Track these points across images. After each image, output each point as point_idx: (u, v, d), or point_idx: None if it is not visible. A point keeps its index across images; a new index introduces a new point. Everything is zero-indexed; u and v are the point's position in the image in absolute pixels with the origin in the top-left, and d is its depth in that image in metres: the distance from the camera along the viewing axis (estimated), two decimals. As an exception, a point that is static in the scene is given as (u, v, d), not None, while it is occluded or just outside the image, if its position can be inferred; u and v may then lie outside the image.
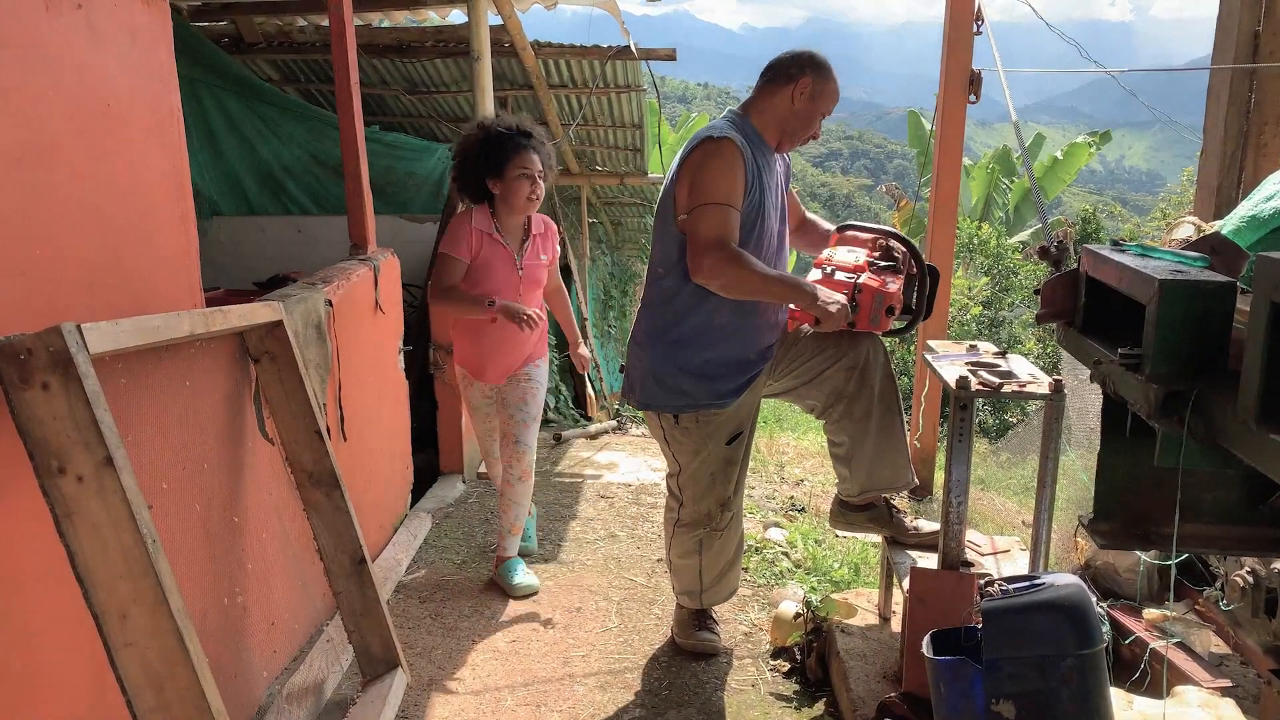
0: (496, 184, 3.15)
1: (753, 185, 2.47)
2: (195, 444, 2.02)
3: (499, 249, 3.24)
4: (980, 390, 2.23)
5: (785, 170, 2.71)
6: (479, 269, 3.21)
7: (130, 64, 1.89)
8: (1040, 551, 2.30)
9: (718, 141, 2.44)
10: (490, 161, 3.13)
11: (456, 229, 3.20)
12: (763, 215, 2.51)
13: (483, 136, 3.15)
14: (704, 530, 2.75)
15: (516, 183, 3.14)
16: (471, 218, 3.20)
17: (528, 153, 3.14)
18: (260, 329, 2.38)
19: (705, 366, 2.60)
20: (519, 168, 3.13)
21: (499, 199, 3.19)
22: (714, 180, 2.43)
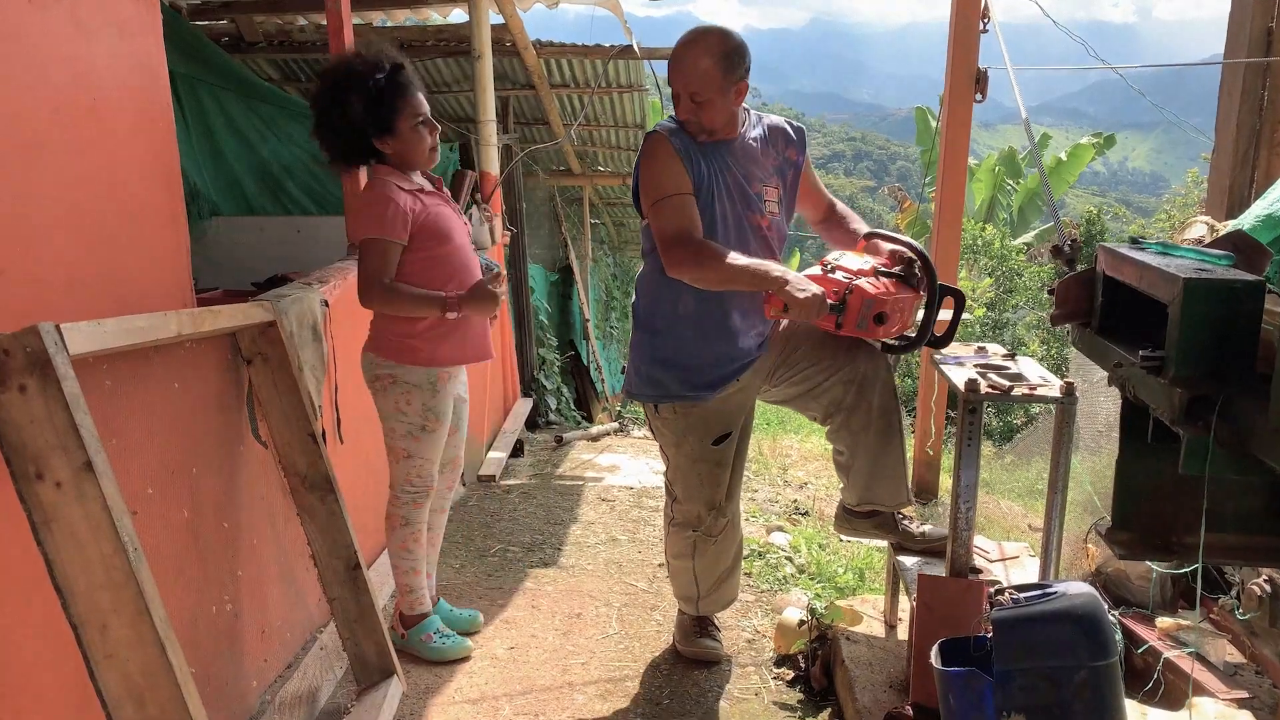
0: (388, 142, 2.54)
1: (696, 168, 2.43)
2: (184, 447, 1.97)
3: (441, 203, 2.66)
4: (990, 393, 2.17)
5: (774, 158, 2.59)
6: (434, 236, 2.57)
7: (117, 58, 1.84)
8: (1050, 558, 2.25)
9: (649, 138, 2.47)
10: (376, 115, 2.49)
11: (381, 202, 2.48)
12: (712, 200, 2.45)
13: (356, 83, 2.47)
14: (696, 533, 2.69)
15: (415, 134, 2.55)
16: (388, 179, 2.54)
17: (415, 93, 2.55)
18: (253, 330, 2.33)
19: (676, 356, 2.56)
20: (413, 114, 2.54)
21: (392, 160, 2.57)
22: (654, 175, 2.44)
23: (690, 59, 2.38)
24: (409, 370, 2.64)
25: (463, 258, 2.68)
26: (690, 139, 2.45)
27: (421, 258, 2.57)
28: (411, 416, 2.66)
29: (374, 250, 2.52)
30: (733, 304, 2.50)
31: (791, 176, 2.62)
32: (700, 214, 2.43)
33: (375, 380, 2.68)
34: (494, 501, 4.53)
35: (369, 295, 2.54)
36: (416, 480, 2.74)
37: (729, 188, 2.48)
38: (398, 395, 2.65)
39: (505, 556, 3.73)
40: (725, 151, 2.50)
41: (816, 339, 2.60)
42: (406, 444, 2.69)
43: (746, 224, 2.51)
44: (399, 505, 2.75)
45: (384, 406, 2.69)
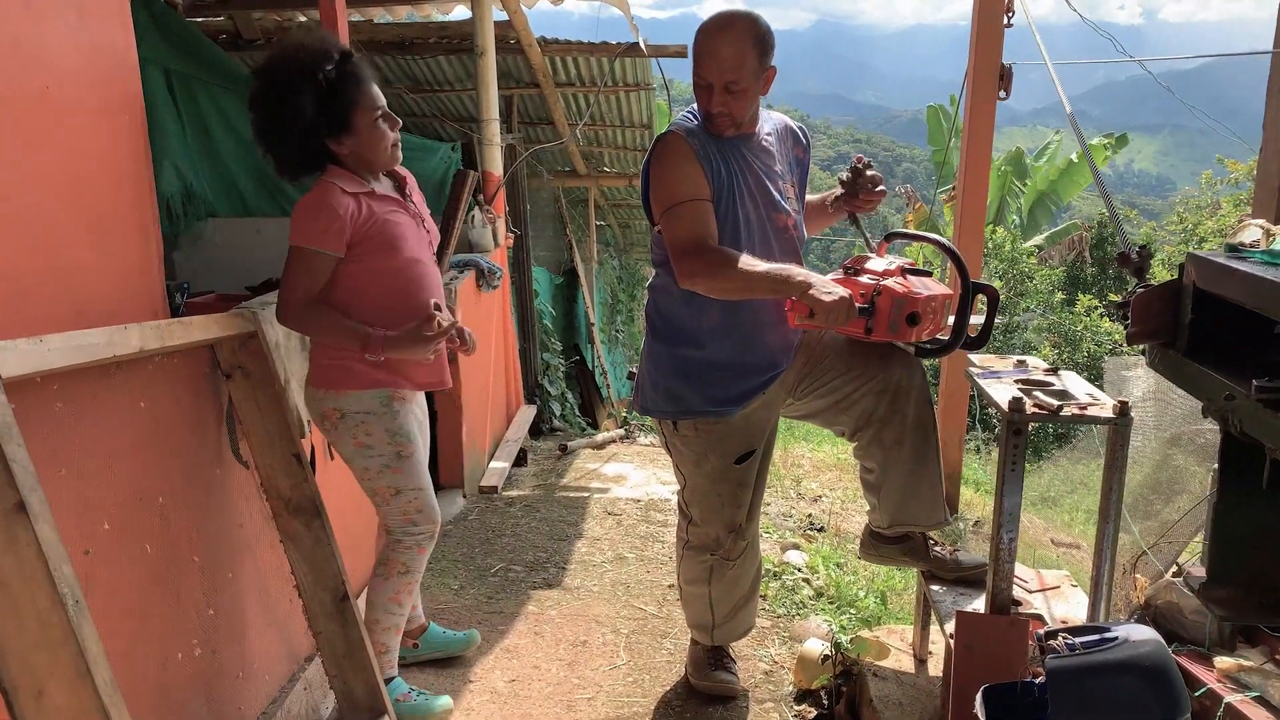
0: (345, 141, 2.19)
1: (714, 169, 2.25)
2: (149, 474, 1.78)
3: (393, 206, 2.31)
4: (1037, 414, 1.98)
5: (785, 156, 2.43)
6: (379, 246, 2.23)
7: (76, 43, 1.66)
8: (1102, 594, 2.06)
9: (662, 139, 2.28)
10: (330, 111, 2.14)
11: (315, 208, 2.14)
12: (734, 201, 2.27)
13: (304, 77, 2.11)
14: (713, 557, 2.51)
15: (374, 130, 2.21)
16: (332, 181, 2.19)
17: (371, 83, 2.23)
18: (232, 341, 2.15)
19: (697, 369, 2.37)
20: (370, 107, 2.20)
21: (351, 158, 2.23)
22: (668, 179, 2.26)
23: (726, 45, 2.18)
24: (355, 398, 2.28)
25: (414, 273, 2.31)
26: (708, 138, 2.27)
27: (363, 269, 2.22)
28: (378, 448, 2.32)
29: (298, 262, 2.17)
30: (760, 312, 2.32)
31: (801, 175, 2.47)
32: (722, 219, 2.25)
33: (323, 419, 2.33)
34: (496, 515, 4.34)
35: (283, 312, 2.19)
36: (418, 517, 2.40)
37: (752, 188, 2.29)
38: (353, 429, 2.30)
39: (507, 577, 3.54)
40: (745, 148, 2.32)
41: (844, 347, 2.42)
42: (388, 480, 2.35)
43: (771, 226, 2.32)
44: (401, 551, 2.41)
45: (342, 448, 2.34)
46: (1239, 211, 14.59)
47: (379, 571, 2.44)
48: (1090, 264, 19.15)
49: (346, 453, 2.36)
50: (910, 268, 2.36)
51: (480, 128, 5.58)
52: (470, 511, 4.39)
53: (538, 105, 7.60)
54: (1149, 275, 1.62)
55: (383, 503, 2.40)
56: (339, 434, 2.33)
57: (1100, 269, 19.45)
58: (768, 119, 2.43)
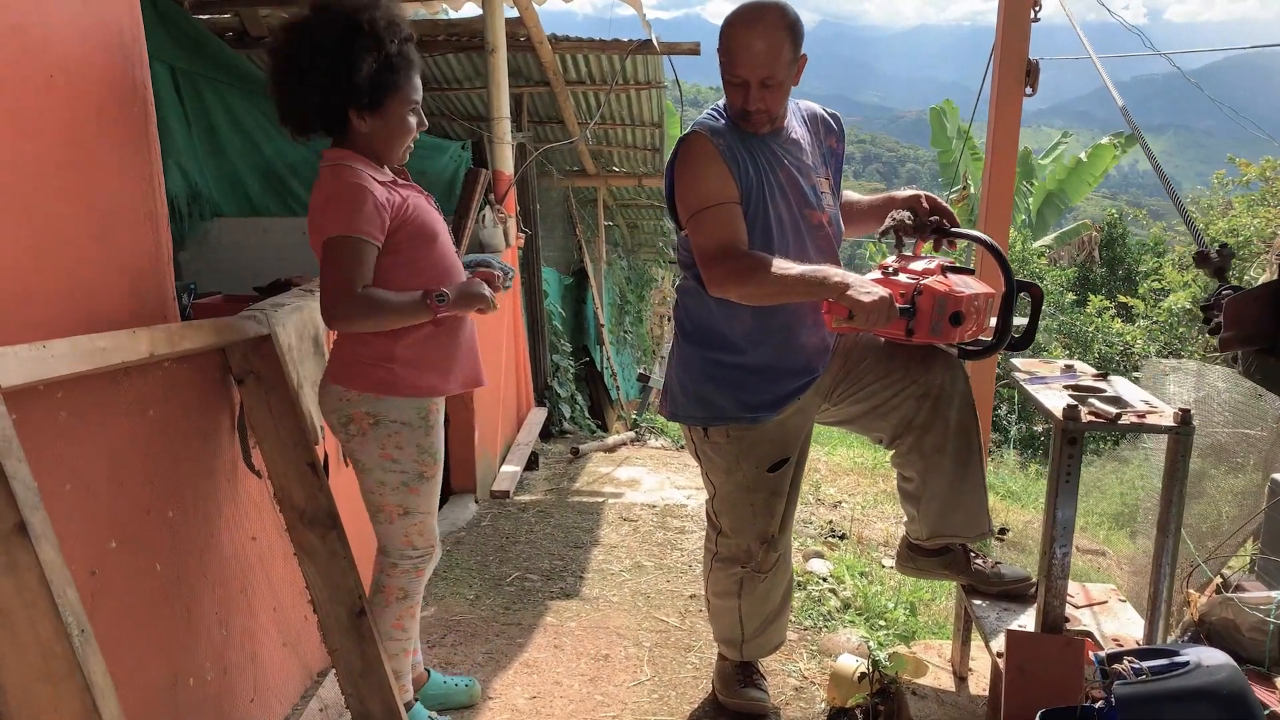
0: (367, 119, 2.02)
1: (743, 168, 2.14)
2: (159, 486, 1.69)
3: (419, 195, 2.18)
4: (1094, 423, 1.88)
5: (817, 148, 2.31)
6: (418, 234, 2.09)
7: (82, 31, 1.57)
8: (1160, 612, 1.95)
9: (686, 139, 2.16)
10: (376, 84, 1.97)
11: (351, 193, 1.95)
12: (764, 201, 2.16)
13: (374, 41, 1.94)
14: (744, 569, 2.41)
15: (402, 122, 2.06)
16: (357, 165, 2.01)
17: (416, 73, 2.07)
18: (244, 345, 2.05)
19: (730, 374, 2.27)
20: (409, 99, 2.06)
21: (364, 141, 2.04)
22: (694, 182, 2.14)
23: (760, 38, 2.07)
24: (393, 404, 2.09)
25: (450, 260, 2.20)
26: (734, 136, 2.16)
27: (402, 262, 2.06)
28: (404, 463, 2.14)
29: (344, 253, 1.94)
30: (796, 315, 2.22)
31: (835, 167, 2.35)
32: (752, 221, 2.15)
33: (349, 422, 2.11)
34: (509, 521, 4.24)
35: (341, 310, 1.94)
36: (419, 541, 2.23)
37: (783, 185, 2.19)
38: (383, 438, 2.11)
39: (523, 586, 3.44)
40: (774, 143, 2.21)
41: (882, 350, 2.31)
42: (400, 499, 2.17)
43: (805, 225, 2.22)
44: (397, 575, 2.24)
45: (365, 456, 2.13)
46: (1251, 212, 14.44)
47: (376, 600, 2.25)
48: (1100, 264, 19.01)
49: (368, 461, 2.15)
50: (951, 266, 2.26)
51: (491, 126, 5.49)
52: (483, 517, 4.29)
53: (547, 104, 7.51)
54: (1229, 275, 1.52)
55: (385, 520, 2.20)
56: (365, 440, 2.12)
57: (1110, 269, 19.31)
58: (796, 109, 2.32)
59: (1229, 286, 1.39)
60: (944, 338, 2.14)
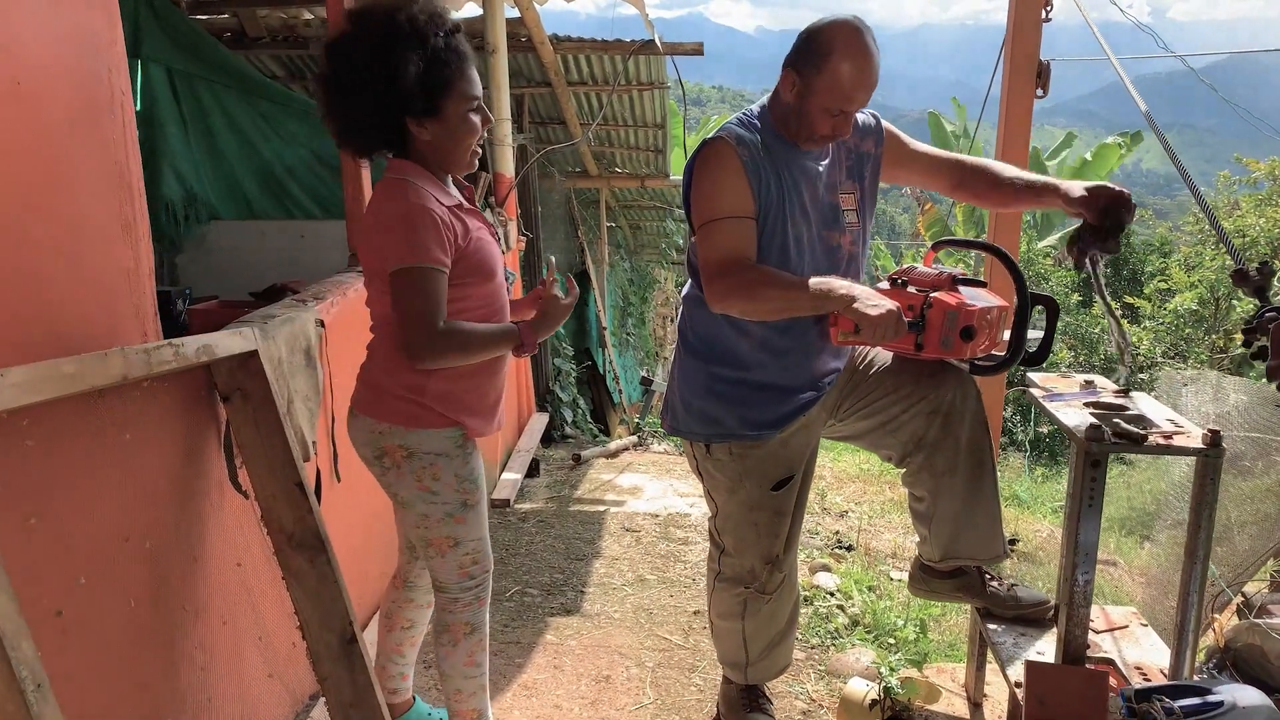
0: (427, 126, 1.86)
1: (765, 184, 2.02)
2: (135, 514, 1.60)
3: (483, 226, 2.01)
4: (1118, 445, 1.79)
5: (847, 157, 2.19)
6: (478, 269, 1.94)
7: (53, 34, 1.48)
8: (1188, 643, 1.86)
9: (710, 145, 2.04)
10: (428, 85, 1.81)
11: (418, 217, 1.81)
12: (784, 220, 2.05)
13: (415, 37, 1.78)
14: (748, 590, 2.32)
15: (465, 123, 1.89)
16: (419, 184, 1.87)
17: (472, 67, 1.89)
18: (230, 361, 1.96)
19: (735, 390, 2.18)
20: (468, 96, 1.88)
21: (428, 150, 1.90)
22: (711, 191, 2.03)
23: (875, 69, 1.99)
24: (426, 436, 1.97)
25: (503, 299, 2.05)
26: (761, 147, 2.04)
27: (456, 297, 1.90)
28: (445, 495, 2.00)
29: (418, 285, 1.79)
30: (808, 332, 2.13)
31: (870, 174, 2.23)
32: (769, 238, 2.05)
33: (382, 456, 1.99)
34: (509, 532, 4.16)
35: (429, 348, 1.81)
36: (475, 570, 2.09)
37: (805, 203, 2.09)
38: (419, 471, 1.98)
39: (523, 601, 3.36)
40: (805, 158, 2.10)
41: (889, 364, 2.23)
42: (448, 530, 2.03)
43: (823, 245, 2.12)
44: (460, 610, 2.09)
45: (402, 491, 2.01)
46: (1258, 211, 14.32)
47: (443, 640, 2.12)
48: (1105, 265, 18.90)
49: (406, 496, 2.02)
50: (961, 277, 2.17)
51: (491, 128, 5.40)
52: (482, 528, 4.20)
53: (549, 105, 7.43)
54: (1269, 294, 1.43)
55: (436, 554, 2.06)
56: (400, 474, 1.99)
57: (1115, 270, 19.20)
58: None
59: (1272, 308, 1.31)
60: (954, 353, 2.05)
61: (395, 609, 2.33)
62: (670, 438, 7.05)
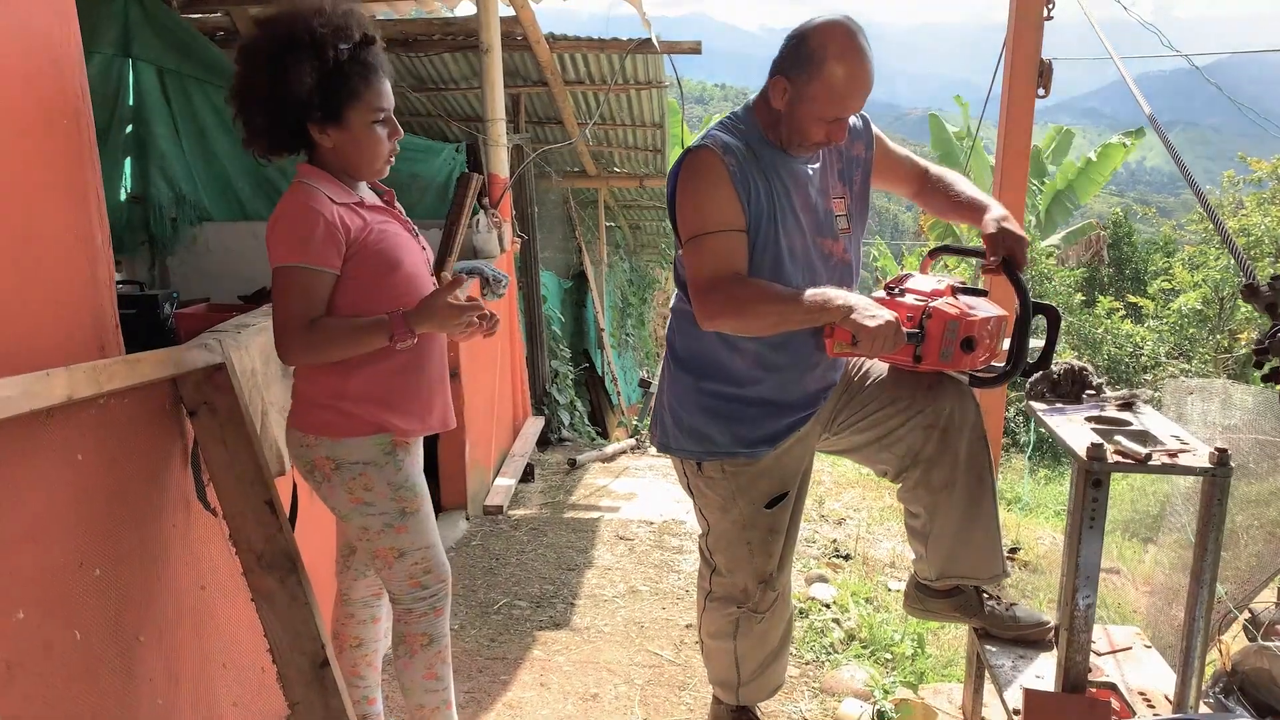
0: (330, 134, 1.85)
1: (753, 192, 1.93)
2: (88, 537, 1.53)
3: (385, 216, 1.98)
4: (1121, 464, 1.71)
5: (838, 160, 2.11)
6: (378, 260, 1.90)
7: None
8: (1193, 669, 1.78)
9: (695, 154, 1.94)
10: (327, 95, 1.80)
11: (303, 217, 1.80)
12: (775, 228, 1.96)
13: (312, 48, 1.78)
14: (740, 610, 2.24)
15: (368, 133, 1.87)
16: (315, 185, 1.85)
17: (382, 80, 1.88)
18: (196, 375, 1.89)
19: (728, 407, 2.10)
20: (372, 107, 1.86)
21: (329, 155, 1.88)
22: (697, 203, 1.94)
23: (872, 74, 1.90)
24: (352, 445, 1.92)
25: (414, 287, 1.98)
26: (748, 154, 1.95)
27: (356, 289, 1.88)
28: (380, 505, 1.96)
29: (293, 284, 1.80)
30: (804, 348, 2.04)
31: (860, 179, 2.16)
32: (761, 248, 1.96)
33: (312, 469, 1.96)
34: (500, 540, 4.09)
35: (289, 344, 1.82)
36: (426, 579, 2.04)
37: (797, 210, 2.00)
38: (349, 482, 1.93)
39: (511, 614, 3.29)
40: (794, 164, 2.02)
41: (886, 376, 2.15)
42: (390, 540, 1.99)
43: (818, 253, 2.04)
44: (415, 621, 2.05)
45: (336, 503, 1.98)
46: (1262, 210, 14.22)
47: (400, 651, 2.08)
48: (1108, 264, 18.77)
49: (342, 509, 2.00)
50: (961, 286, 2.09)
51: (486, 128, 5.33)
52: (474, 535, 4.13)
53: (546, 104, 7.35)
54: None
55: (384, 566, 2.02)
56: (332, 487, 1.96)
57: (1117, 269, 19.09)
58: None
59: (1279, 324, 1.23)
60: (954, 364, 1.97)
61: (340, 628, 2.25)
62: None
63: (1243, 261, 1.64)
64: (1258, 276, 1.40)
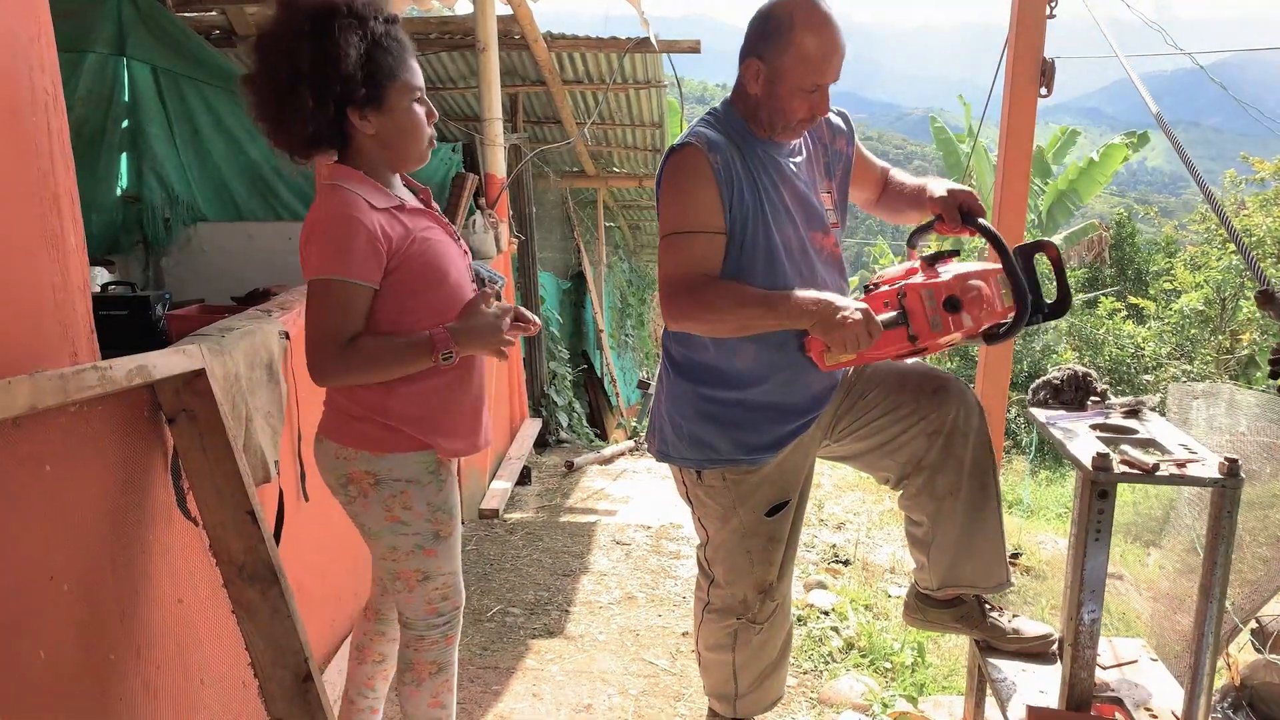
0: (371, 119, 1.73)
1: (738, 190, 1.88)
2: (56, 553, 1.47)
3: (428, 220, 1.86)
4: (1129, 475, 1.66)
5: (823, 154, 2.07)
6: (424, 272, 1.78)
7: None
8: (1201, 687, 1.73)
9: (679, 152, 1.89)
10: (371, 71, 1.68)
11: (342, 226, 1.68)
12: (766, 225, 1.91)
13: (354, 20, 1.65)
14: (739, 621, 2.19)
15: (409, 115, 1.76)
16: (352, 189, 1.72)
17: (413, 57, 1.77)
18: (175, 381, 1.83)
19: (729, 413, 2.04)
20: (411, 86, 1.75)
21: (373, 148, 1.77)
22: (678, 201, 1.89)
23: (842, 37, 1.86)
24: (397, 461, 1.83)
25: (457, 300, 1.84)
26: (733, 151, 1.90)
27: (400, 305, 1.77)
28: (415, 525, 1.87)
29: (329, 297, 1.69)
30: (799, 337, 1.98)
31: (842, 174, 2.12)
32: (752, 248, 1.91)
33: (348, 483, 1.87)
34: (495, 545, 4.04)
35: (321, 363, 1.72)
36: (444, 606, 1.95)
37: (788, 206, 1.95)
38: (387, 499, 1.85)
39: (504, 622, 3.23)
40: (780, 157, 1.97)
41: (889, 381, 2.08)
42: (417, 563, 1.90)
43: (811, 247, 1.99)
44: (426, 649, 1.96)
45: (369, 520, 1.88)
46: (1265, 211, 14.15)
47: (407, 679, 1.99)
48: (1109, 265, 18.70)
49: (373, 526, 1.90)
50: (935, 254, 1.99)
51: (483, 127, 5.29)
52: (468, 540, 4.08)
53: (544, 103, 7.30)
54: None
55: (404, 589, 1.94)
56: (368, 503, 1.87)
57: (1119, 270, 19.02)
58: None
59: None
60: (952, 330, 1.83)
61: (367, 641, 2.21)
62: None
63: (1256, 267, 1.59)
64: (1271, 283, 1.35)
